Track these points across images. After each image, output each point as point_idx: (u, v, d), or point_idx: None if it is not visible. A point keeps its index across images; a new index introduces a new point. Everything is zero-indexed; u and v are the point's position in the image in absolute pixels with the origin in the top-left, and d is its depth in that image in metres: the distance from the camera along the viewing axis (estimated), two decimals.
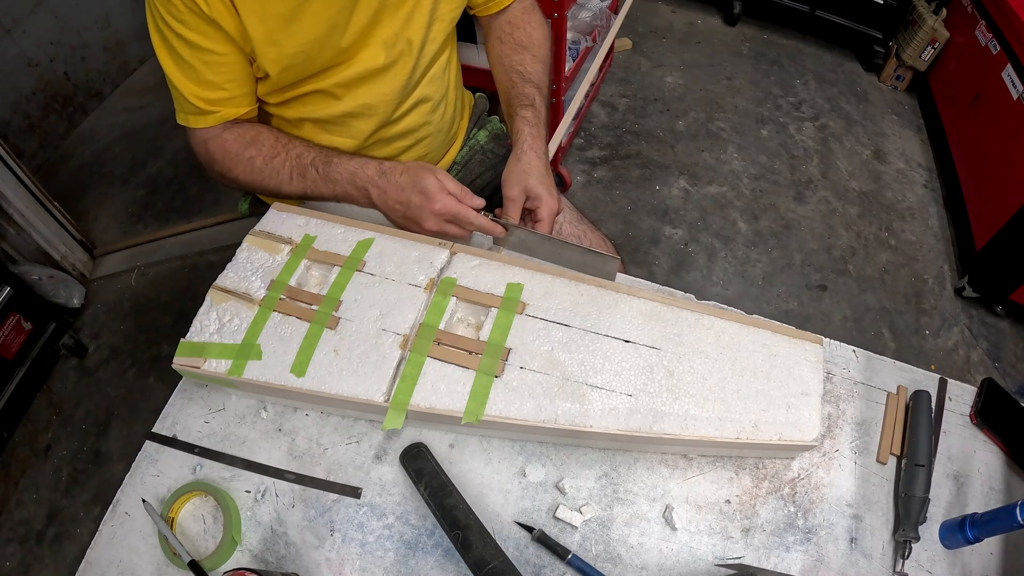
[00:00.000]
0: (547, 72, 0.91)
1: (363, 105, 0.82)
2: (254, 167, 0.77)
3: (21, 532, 1.39)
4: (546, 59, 0.92)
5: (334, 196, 0.76)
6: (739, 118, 2.27)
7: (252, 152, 0.77)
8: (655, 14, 2.69)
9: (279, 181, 0.77)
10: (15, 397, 1.50)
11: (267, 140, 0.78)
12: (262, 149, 0.77)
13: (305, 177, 0.75)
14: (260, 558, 0.61)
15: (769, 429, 0.60)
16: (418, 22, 0.79)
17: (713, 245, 1.90)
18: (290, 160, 0.76)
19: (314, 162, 0.75)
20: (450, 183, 0.72)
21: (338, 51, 0.76)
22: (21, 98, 2.03)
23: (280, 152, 0.77)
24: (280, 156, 0.77)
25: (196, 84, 0.73)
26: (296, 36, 0.72)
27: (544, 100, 0.87)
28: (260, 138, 0.78)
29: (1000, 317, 1.76)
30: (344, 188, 0.74)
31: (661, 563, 0.60)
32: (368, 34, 0.77)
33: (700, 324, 0.67)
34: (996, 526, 0.56)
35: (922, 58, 2.22)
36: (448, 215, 0.71)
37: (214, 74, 0.72)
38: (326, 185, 0.75)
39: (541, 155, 0.81)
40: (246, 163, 0.77)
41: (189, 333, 0.68)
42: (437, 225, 0.72)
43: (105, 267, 1.85)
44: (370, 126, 0.85)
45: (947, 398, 0.69)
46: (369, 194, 0.74)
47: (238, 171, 0.78)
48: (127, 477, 0.66)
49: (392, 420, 0.62)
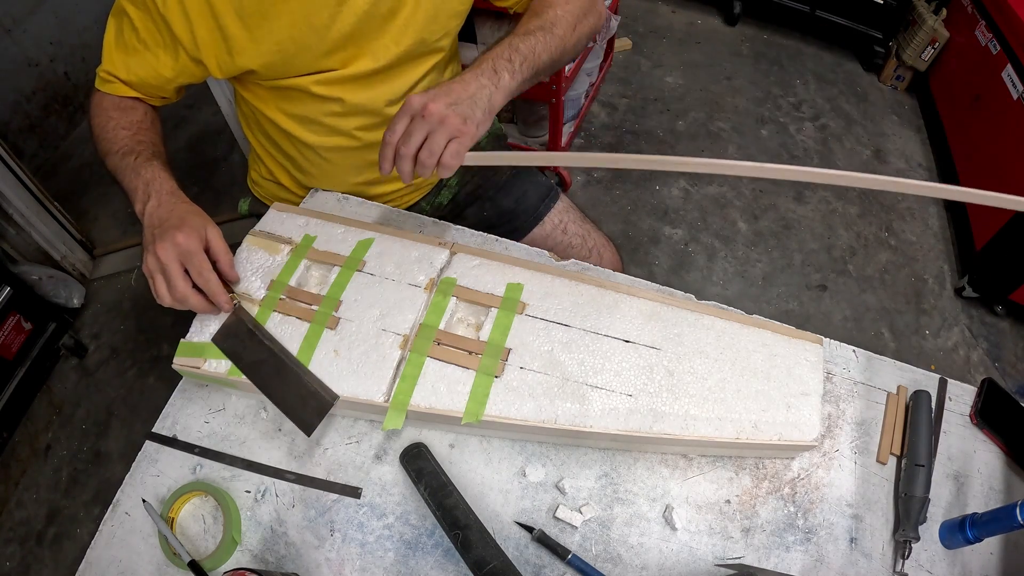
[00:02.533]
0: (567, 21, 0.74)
1: (352, 106, 0.81)
2: (106, 127, 0.78)
3: (21, 532, 1.39)
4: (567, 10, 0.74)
5: (126, 186, 0.73)
6: (739, 118, 2.27)
7: (114, 114, 0.79)
8: (655, 14, 2.69)
9: (108, 148, 0.76)
10: (15, 397, 1.50)
11: (134, 114, 0.79)
12: (122, 117, 0.78)
13: (125, 158, 0.74)
14: (260, 558, 0.61)
15: (769, 429, 0.60)
16: (411, 35, 0.78)
17: (713, 245, 1.90)
18: (130, 140, 0.76)
19: (141, 153, 0.74)
20: (218, 241, 0.67)
21: (319, 54, 0.75)
22: (21, 98, 2.03)
23: (131, 129, 0.77)
24: (129, 131, 0.77)
25: (122, 55, 0.76)
26: (273, 34, 0.71)
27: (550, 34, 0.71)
28: (131, 111, 0.79)
29: (1000, 317, 1.76)
30: (136, 183, 0.71)
31: (661, 563, 0.60)
32: (352, 41, 0.75)
33: (700, 324, 0.67)
34: (996, 526, 0.56)
35: (922, 58, 2.22)
36: (185, 250, 0.63)
37: (135, 63, 0.76)
38: (128, 173, 0.73)
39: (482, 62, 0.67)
40: (103, 117, 0.78)
41: (189, 333, 0.68)
42: (165, 255, 0.63)
43: (105, 267, 1.85)
44: (362, 123, 0.84)
45: (947, 398, 0.69)
46: (146, 202, 0.69)
47: (94, 121, 0.79)
48: (127, 477, 0.66)
49: (392, 420, 0.62)
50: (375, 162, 0.67)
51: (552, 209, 1.03)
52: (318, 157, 0.86)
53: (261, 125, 0.87)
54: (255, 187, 1.03)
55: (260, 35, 0.71)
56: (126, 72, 0.77)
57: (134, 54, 0.75)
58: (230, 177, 2.06)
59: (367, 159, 0.88)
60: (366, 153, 0.87)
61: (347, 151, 0.86)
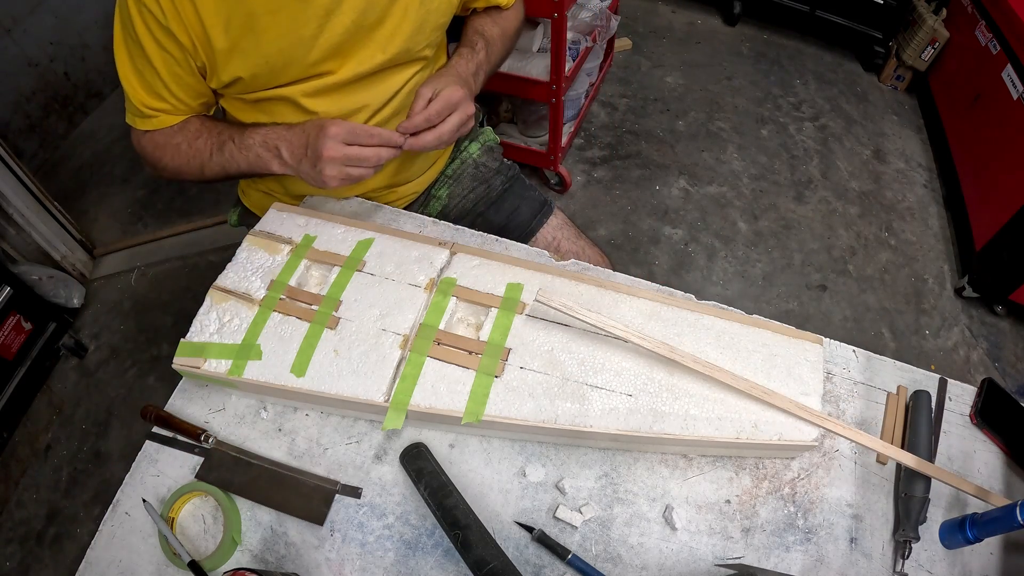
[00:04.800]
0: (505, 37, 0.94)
1: (332, 116, 0.80)
2: (180, 151, 0.79)
3: (21, 532, 1.39)
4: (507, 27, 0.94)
5: (248, 165, 0.76)
6: (739, 118, 2.27)
7: (178, 139, 0.79)
8: (655, 14, 2.69)
9: (202, 161, 0.78)
10: (15, 397, 1.50)
11: (192, 125, 0.80)
12: (187, 135, 0.79)
13: (223, 150, 0.77)
14: (260, 558, 0.61)
15: (769, 429, 0.60)
16: (396, 44, 0.78)
17: (713, 245, 1.90)
18: (211, 138, 0.78)
19: (232, 135, 0.77)
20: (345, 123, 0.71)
21: (306, 65, 0.75)
22: (21, 98, 2.03)
23: (203, 133, 0.79)
24: (203, 137, 0.79)
25: (145, 91, 0.76)
26: (260, 46, 0.71)
27: (491, 54, 0.89)
28: (187, 126, 0.80)
29: (1000, 317, 1.76)
30: (256, 152, 0.75)
31: (661, 563, 0.60)
32: (340, 51, 0.75)
33: (700, 324, 0.67)
34: (996, 526, 0.56)
35: (922, 58, 2.22)
36: (344, 134, 0.70)
37: (160, 85, 0.75)
38: (241, 153, 0.76)
39: (462, 72, 0.82)
40: (173, 149, 0.79)
41: (189, 333, 0.68)
42: (336, 151, 0.69)
43: (105, 267, 1.85)
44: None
45: (947, 398, 0.69)
46: (280, 151, 0.74)
47: (167, 159, 0.80)
48: (127, 477, 0.66)
49: (392, 420, 0.62)
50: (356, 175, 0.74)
51: (545, 225, 1.02)
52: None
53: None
54: (244, 197, 1.03)
55: (247, 47, 0.71)
56: (157, 100, 0.76)
57: (153, 77, 0.74)
58: None
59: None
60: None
61: None
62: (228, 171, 0.79)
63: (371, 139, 0.71)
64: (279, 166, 0.75)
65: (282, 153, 0.74)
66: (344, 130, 0.70)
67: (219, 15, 0.69)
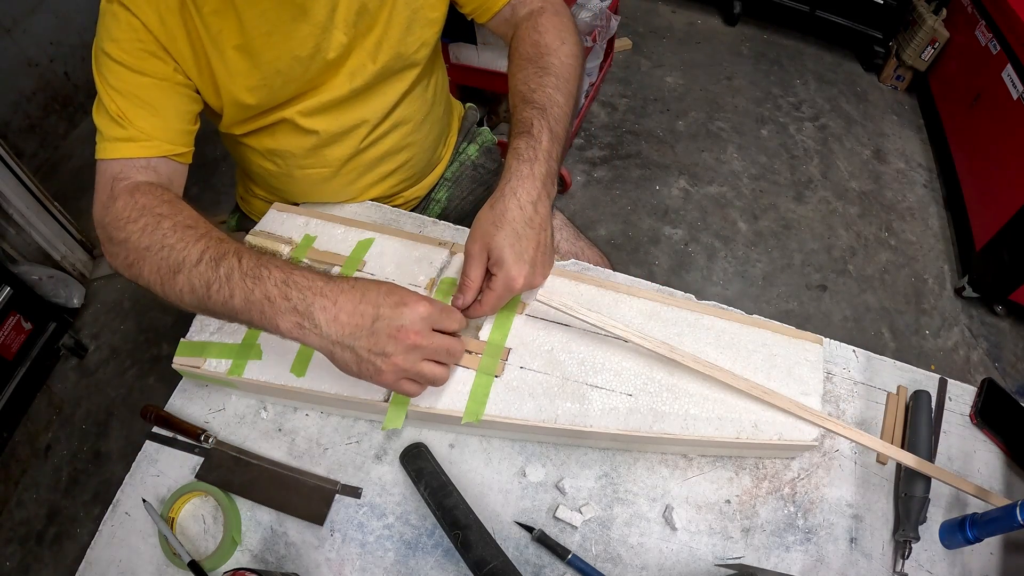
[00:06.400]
0: (561, 87, 0.71)
1: (332, 134, 0.79)
2: (159, 227, 0.59)
3: (21, 532, 1.39)
4: (560, 71, 0.72)
5: (246, 304, 0.54)
6: (739, 118, 2.27)
7: (165, 211, 0.61)
8: (655, 14, 2.69)
9: (181, 258, 0.57)
10: (15, 397, 1.50)
11: (187, 210, 0.62)
12: (177, 216, 0.60)
13: (219, 265, 0.56)
14: (260, 558, 0.61)
15: (769, 429, 0.60)
16: (386, 52, 0.76)
17: (713, 245, 1.90)
18: (210, 240, 0.58)
19: (238, 252, 0.57)
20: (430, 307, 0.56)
21: (303, 82, 0.72)
22: (21, 98, 2.03)
23: (200, 226, 0.60)
24: (198, 229, 0.59)
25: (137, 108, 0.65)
26: (260, 68, 0.69)
27: (550, 121, 0.68)
28: (179, 205, 0.62)
29: (1000, 317, 1.76)
30: (269, 291, 0.54)
31: (661, 563, 0.60)
32: (336, 65, 0.74)
33: (700, 324, 0.67)
34: (996, 526, 0.56)
35: (922, 58, 2.22)
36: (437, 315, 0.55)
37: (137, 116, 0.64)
38: (243, 282, 0.55)
39: (526, 201, 0.62)
40: (152, 218, 0.60)
41: (189, 333, 0.68)
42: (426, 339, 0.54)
43: (105, 267, 1.85)
44: (344, 152, 0.82)
45: (947, 398, 0.69)
46: (311, 307, 0.53)
47: (135, 227, 0.60)
48: (127, 477, 0.66)
49: (392, 420, 0.62)
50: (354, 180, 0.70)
51: None
52: (295, 183, 0.84)
53: (240, 154, 0.85)
54: (243, 203, 1.02)
55: (246, 70, 0.69)
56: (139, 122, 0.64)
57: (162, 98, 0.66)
58: (230, 177, 2.04)
59: (346, 179, 0.85)
60: (345, 175, 0.85)
61: (327, 178, 0.84)
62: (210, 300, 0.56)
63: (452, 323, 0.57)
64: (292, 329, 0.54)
65: (317, 319, 0.53)
66: (437, 310, 0.55)
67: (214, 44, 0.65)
